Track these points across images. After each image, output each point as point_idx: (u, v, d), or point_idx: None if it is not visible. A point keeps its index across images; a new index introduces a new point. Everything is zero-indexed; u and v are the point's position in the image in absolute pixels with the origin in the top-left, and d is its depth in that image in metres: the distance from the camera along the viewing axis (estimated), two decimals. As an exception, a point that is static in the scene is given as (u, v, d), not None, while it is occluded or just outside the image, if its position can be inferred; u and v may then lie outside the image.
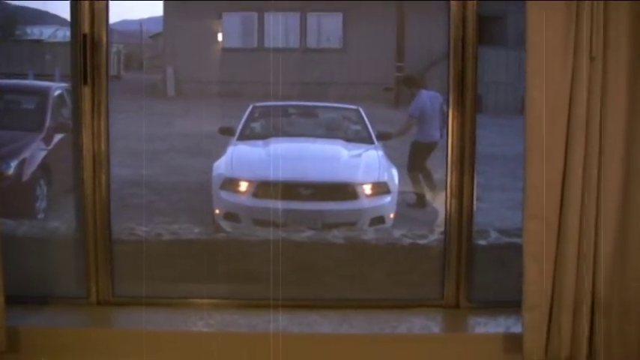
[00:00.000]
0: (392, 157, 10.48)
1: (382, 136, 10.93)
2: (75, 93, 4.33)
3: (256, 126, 11.30)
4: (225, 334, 4.18)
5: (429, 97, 11.16)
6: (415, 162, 10.84)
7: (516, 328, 4.04)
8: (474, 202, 4.35)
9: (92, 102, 4.23)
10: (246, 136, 10.73)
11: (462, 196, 4.31)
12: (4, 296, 3.93)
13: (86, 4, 4.18)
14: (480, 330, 4.26)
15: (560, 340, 3.90)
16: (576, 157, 3.79)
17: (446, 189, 4.36)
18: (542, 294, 3.89)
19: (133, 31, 20.75)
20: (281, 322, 4.24)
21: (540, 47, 3.74)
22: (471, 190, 4.32)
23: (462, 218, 4.33)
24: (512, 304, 4.13)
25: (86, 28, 4.19)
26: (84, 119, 4.25)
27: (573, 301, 3.87)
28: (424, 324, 4.27)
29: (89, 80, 4.21)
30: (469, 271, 4.36)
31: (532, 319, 3.91)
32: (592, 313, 3.90)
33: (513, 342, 4.02)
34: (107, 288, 4.37)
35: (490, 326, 4.25)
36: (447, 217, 4.37)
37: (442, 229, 4.60)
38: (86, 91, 4.22)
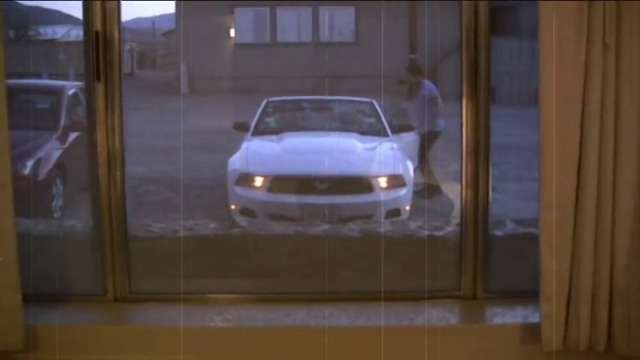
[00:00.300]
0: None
1: (404, 128, 10.91)
2: (88, 90, 4.34)
3: (270, 121, 11.29)
4: (242, 329, 4.19)
5: (428, 87, 11.21)
6: (423, 153, 10.85)
7: (534, 319, 4.04)
8: (490, 193, 4.34)
9: (105, 99, 4.24)
10: (261, 131, 10.72)
11: (477, 187, 4.31)
12: (22, 294, 3.95)
13: (98, 2, 4.18)
14: (497, 321, 4.25)
15: (579, 329, 3.89)
16: (591, 146, 3.78)
17: (461, 180, 4.35)
18: (559, 284, 3.88)
19: (146, 28, 20.80)
20: (298, 315, 4.25)
21: (553, 36, 3.73)
22: (486, 181, 4.31)
23: (477, 209, 4.32)
24: (529, 294, 4.12)
25: (98, 26, 4.20)
26: (98, 116, 4.26)
27: (591, 290, 3.86)
28: (442, 315, 4.27)
29: (102, 77, 4.22)
30: (486, 261, 4.36)
31: (549, 309, 3.90)
32: (610, 301, 3.89)
33: (531, 332, 4.01)
34: (124, 285, 4.38)
35: (508, 317, 4.24)
36: (463, 208, 4.36)
37: (458, 220, 4.59)
38: (99, 88, 4.23)
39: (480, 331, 4.17)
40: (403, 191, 9.50)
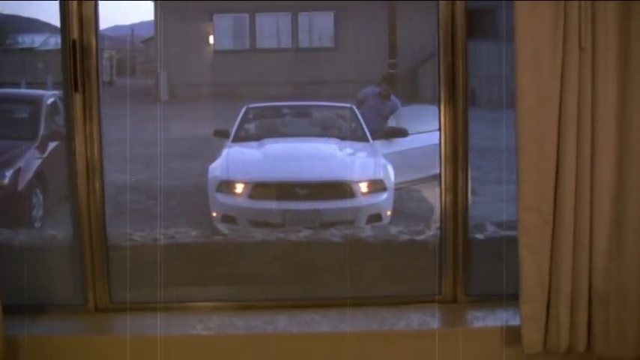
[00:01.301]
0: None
1: (397, 133, 10.91)
2: (66, 100, 4.32)
3: (250, 127, 11.29)
4: (224, 337, 4.18)
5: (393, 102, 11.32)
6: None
7: (515, 322, 4.05)
8: (469, 196, 4.36)
9: (84, 108, 4.23)
10: (241, 137, 10.72)
11: (456, 190, 4.31)
12: (2, 306, 3.92)
13: (74, 9, 4.16)
14: (478, 324, 4.25)
15: (559, 331, 3.91)
16: (568, 148, 3.80)
17: (440, 184, 4.36)
18: (539, 286, 3.90)
19: (125, 36, 20.74)
20: (280, 322, 4.24)
21: (529, 39, 3.75)
22: (465, 185, 4.32)
23: (457, 213, 4.33)
24: (510, 297, 4.14)
25: (75, 34, 4.18)
26: (76, 126, 4.24)
27: (570, 293, 3.88)
28: (423, 320, 4.27)
29: (80, 86, 4.20)
30: (466, 265, 4.37)
31: (530, 312, 3.92)
32: (589, 303, 3.91)
33: (512, 335, 4.03)
34: (104, 294, 4.36)
35: (488, 320, 4.25)
36: (443, 212, 4.37)
37: (438, 224, 4.60)
38: (77, 97, 4.22)
39: (462, 335, 4.17)
40: (384, 196, 9.51)
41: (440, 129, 4.32)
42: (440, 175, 4.35)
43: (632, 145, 3.77)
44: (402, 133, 10.96)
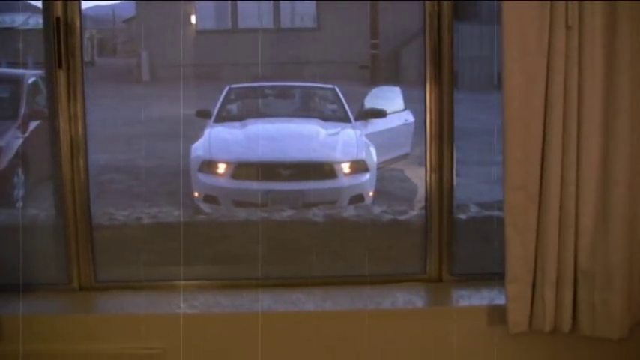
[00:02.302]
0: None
1: (375, 114, 10.91)
2: (50, 78, 4.29)
3: (233, 108, 11.27)
4: (209, 315, 4.17)
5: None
6: None
7: (500, 300, 4.07)
8: (454, 177, 4.36)
9: (68, 86, 4.20)
10: (223, 118, 10.70)
11: (441, 170, 4.31)
12: (-14, 284, 3.92)
13: (57, -14, 4.14)
14: (463, 303, 4.26)
15: (544, 311, 3.92)
16: (555, 128, 3.80)
17: (425, 164, 4.36)
18: (524, 266, 3.91)
19: (106, 15, 20.63)
20: (265, 301, 4.24)
21: (516, 17, 3.74)
22: (450, 165, 4.32)
23: (442, 192, 4.33)
24: (494, 277, 4.15)
25: (59, 12, 4.15)
26: (60, 104, 4.22)
27: (556, 272, 3.89)
28: (408, 298, 4.28)
29: (64, 64, 4.18)
30: (451, 244, 4.37)
31: (515, 291, 3.93)
32: (575, 283, 3.92)
33: (497, 314, 4.04)
34: (89, 273, 4.35)
35: (474, 299, 4.25)
36: (428, 191, 4.37)
37: (422, 205, 4.61)
38: (61, 74, 4.19)
39: (447, 314, 4.18)
40: (366, 177, 9.52)
41: (425, 108, 4.31)
42: (425, 154, 4.35)
43: (619, 125, 3.77)
44: (380, 114, 10.97)
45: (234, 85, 11.52)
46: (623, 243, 3.85)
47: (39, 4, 4.30)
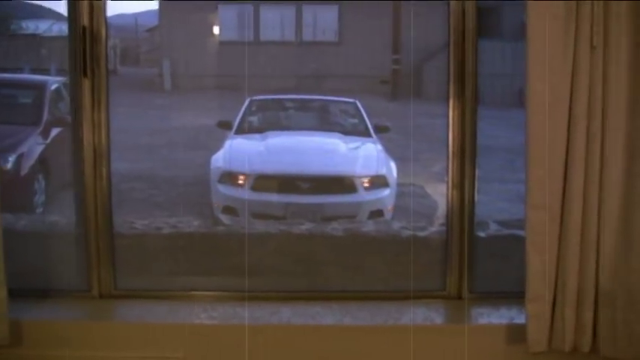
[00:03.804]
0: (389, 149, 10.46)
1: (380, 129, 10.92)
2: (74, 86, 4.32)
3: (254, 119, 11.28)
4: (228, 327, 4.18)
5: None
6: None
7: (519, 319, 4.06)
8: (476, 193, 4.35)
9: (92, 95, 4.23)
10: (244, 129, 10.71)
11: (463, 187, 4.32)
12: (7, 289, 3.93)
13: (85, -3, 4.17)
14: (482, 321, 4.25)
15: (564, 331, 3.91)
16: (578, 147, 3.79)
17: (447, 180, 4.36)
18: (545, 285, 3.89)
19: (129, 25, 20.70)
20: (284, 314, 4.24)
21: (541, 37, 3.74)
22: (472, 181, 4.32)
23: (463, 209, 4.33)
24: (513, 295, 4.14)
25: (85, 21, 4.18)
26: (84, 112, 4.25)
27: (577, 292, 3.88)
28: (427, 315, 4.27)
29: (89, 73, 4.21)
30: (471, 262, 4.36)
31: (535, 310, 3.91)
32: (596, 303, 3.90)
33: (516, 333, 4.03)
34: (109, 281, 4.37)
35: (493, 317, 4.25)
36: (449, 208, 4.37)
37: (441, 221, 4.60)
38: (86, 83, 4.22)
39: (466, 332, 4.16)
40: (386, 192, 9.51)
41: (448, 125, 4.32)
42: (447, 171, 4.35)
43: (642, 145, 3.77)
44: (384, 129, 10.99)
45: (255, 97, 11.54)
46: (646, 263, 3.84)
47: (63, 11, 4.32)
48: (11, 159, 8.98)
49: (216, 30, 17.60)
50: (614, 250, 3.85)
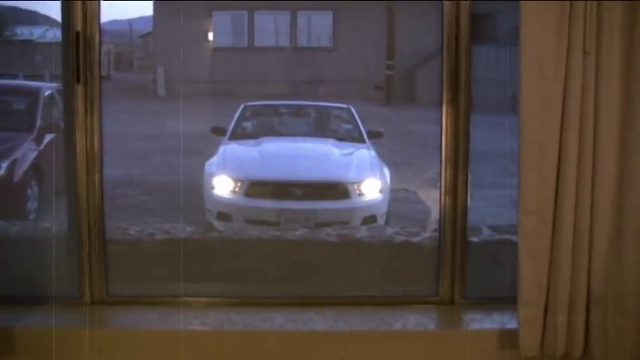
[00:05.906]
0: (383, 155, 10.46)
1: (373, 135, 10.92)
2: (67, 92, 4.31)
3: (247, 125, 11.29)
4: (220, 333, 4.17)
5: None
6: None
7: (511, 325, 4.06)
8: (469, 199, 4.36)
9: (85, 101, 4.22)
10: (238, 135, 10.72)
11: (456, 192, 4.31)
12: (-1, 296, 3.92)
13: (78, 3, 4.16)
14: (475, 326, 4.25)
15: (556, 335, 3.91)
16: (570, 152, 3.80)
17: (440, 186, 4.36)
18: (537, 289, 3.90)
19: (123, 30, 20.72)
20: (277, 320, 4.24)
21: (534, 43, 3.75)
22: (465, 187, 4.32)
23: (456, 215, 4.33)
24: (505, 301, 4.14)
25: (79, 27, 4.17)
26: (77, 118, 4.24)
27: (569, 297, 3.88)
28: (419, 320, 4.27)
29: (82, 79, 4.20)
30: (463, 267, 4.36)
31: (528, 315, 3.92)
32: (587, 308, 3.91)
33: (509, 338, 4.03)
34: (101, 288, 4.35)
35: (485, 322, 4.25)
36: (442, 213, 4.37)
37: (434, 226, 4.60)
38: (79, 89, 4.21)
39: (458, 337, 4.17)
40: (380, 197, 9.51)
41: (441, 131, 4.31)
42: (440, 176, 4.35)
43: (634, 151, 3.77)
44: (377, 135, 11.00)
45: (249, 103, 11.55)
46: (637, 269, 3.85)
47: (57, 17, 4.31)
48: (4, 165, 8.97)
49: (210, 36, 17.61)
50: (606, 256, 3.85)
